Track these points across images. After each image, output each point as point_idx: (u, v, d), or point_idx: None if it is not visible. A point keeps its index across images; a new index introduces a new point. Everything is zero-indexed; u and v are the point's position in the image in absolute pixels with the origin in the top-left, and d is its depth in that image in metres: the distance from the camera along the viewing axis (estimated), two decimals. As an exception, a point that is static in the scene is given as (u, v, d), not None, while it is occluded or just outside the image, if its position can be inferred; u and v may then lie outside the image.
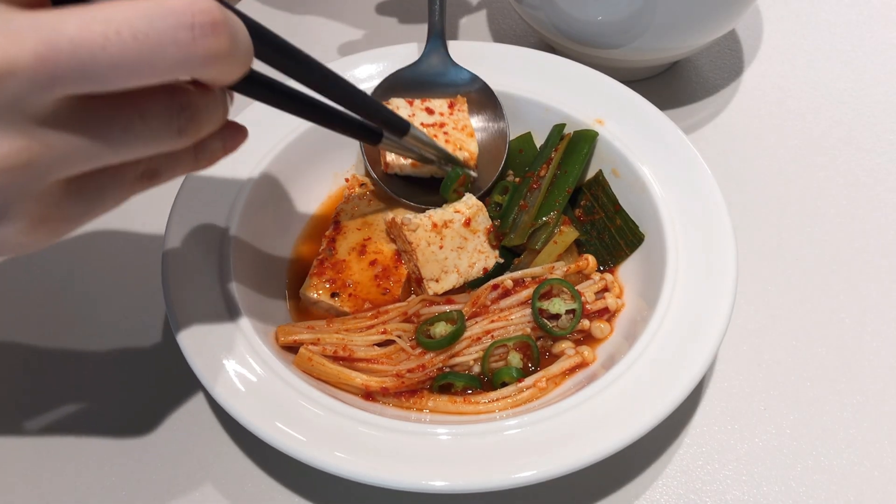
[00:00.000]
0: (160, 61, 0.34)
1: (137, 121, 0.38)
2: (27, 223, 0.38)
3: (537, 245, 0.70)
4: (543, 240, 0.70)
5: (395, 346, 0.65)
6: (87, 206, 0.41)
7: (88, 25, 0.33)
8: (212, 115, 0.42)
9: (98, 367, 0.69)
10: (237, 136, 0.48)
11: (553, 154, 0.74)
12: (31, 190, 0.37)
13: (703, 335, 0.59)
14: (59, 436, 0.65)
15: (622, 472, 0.63)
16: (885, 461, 0.63)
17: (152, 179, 0.44)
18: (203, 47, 0.35)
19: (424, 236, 0.69)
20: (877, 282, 0.75)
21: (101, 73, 0.34)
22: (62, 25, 0.33)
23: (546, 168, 0.73)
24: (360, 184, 0.77)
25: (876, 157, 0.86)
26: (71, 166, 0.37)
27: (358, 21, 1.03)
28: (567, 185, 0.72)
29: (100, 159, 0.38)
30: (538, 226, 0.70)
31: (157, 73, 0.35)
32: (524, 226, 0.70)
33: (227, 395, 0.56)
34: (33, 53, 0.32)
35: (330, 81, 0.52)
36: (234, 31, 0.37)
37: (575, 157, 0.73)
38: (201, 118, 0.41)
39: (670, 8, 0.77)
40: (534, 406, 0.61)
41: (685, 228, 0.66)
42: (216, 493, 0.62)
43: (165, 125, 0.39)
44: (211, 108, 0.42)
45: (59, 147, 0.36)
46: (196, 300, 0.62)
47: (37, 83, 0.33)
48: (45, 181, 0.37)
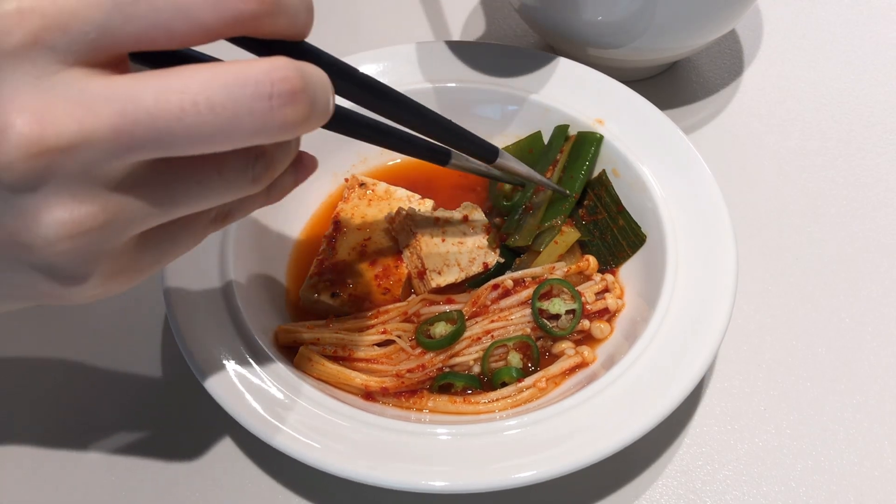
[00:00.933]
0: (237, 132, 0.34)
1: (214, 176, 0.37)
2: (101, 279, 0.38)
3: (541, 247, 0.70)
4: (547, 241, 0.70)
5: (395, 346, 0.65)
6: (160, 255, 0.42)
7: (166, 96, 0.32)
8: (285, 158, 0.41)
9: (97, 367, 0.69)
10: (308, 167, 0.47)
11: (558, 156, 0.74)
12: (106, 250, 0.37)
13: (703, 335, 0.59)
14: (58, 436, 0.65)
15: (622, 472, 0.63)
16: (885, 461, 0.63)
17: (224, 220, 0.45)
18: (281, 118, 0.34)
19: (428, 229, 0.70)
20: (877, 282, 0.75)
21: (177, 142, 0.33)
22: (139, 95, 0.32)
23: (551, 171, 0.73)
24: (359, 184, 0.77)
25: (876, 157, 0.86)
26: (145, 224, 0.37)
27: (358, 21, 1.03)
28: (574, 190, 0.72)
29: (175, 214, 0.38)
30: (543, 229, 0.70)
31: (233, 142, 0.34)
32: (529, 228, 0.70)
33: (227, 395, 0.56)
34: (110, 126, 0.32)
35: (413, 113, 0.52)
36: (314, 95, 0.35)
37: (580, 162, 0.73)
38: (276, 164, 0.40)
39: (670, 8, 0.77)
40: (534, 406, 0.61)
41: (685, 228, 0.66)
42: (216, 493, 0.62)
43: (241, 176, 0.38)
44: (285, 152, 0.41)
45: (134, 208, 0.36)
46: (196, 300, 0.62)
47: (113, 153, 0.33)
48: (120, 240, 0.37)
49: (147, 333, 0.71)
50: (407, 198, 0.76)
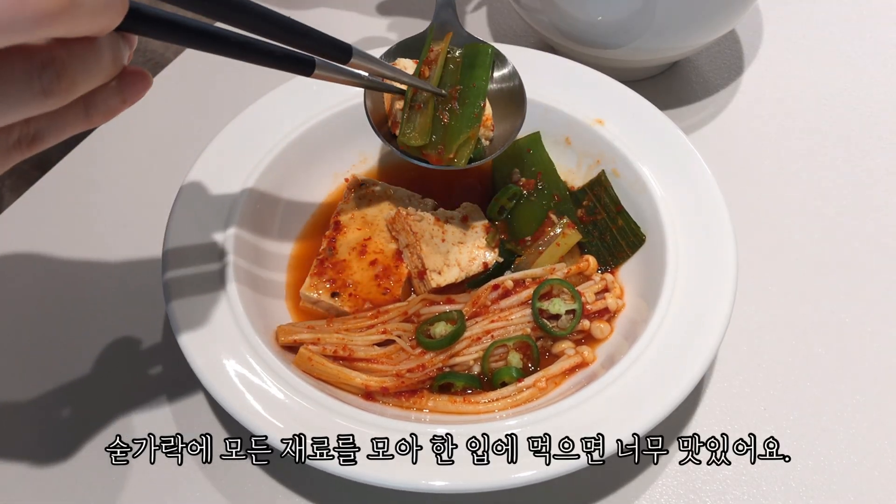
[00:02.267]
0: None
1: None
2: None
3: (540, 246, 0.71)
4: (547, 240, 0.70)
5: (395, 345, 0.65)
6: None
7: None
8: (90, 68, 0.37)
9: (98, 366, 0.69)
10: (137, 85, 0.43)
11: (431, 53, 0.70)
12: None
13: (703, 335, 0.59)
14: (58, 436, 0.65)
15: (622, 472, 0.63)
16: (885, 461, 0.63)
17: (34, 144, 0.40)
18: (32, 6, 0.31)
19: (428, 228, 0.70)
20: (877, 282, 0.75)
21: None
22: None
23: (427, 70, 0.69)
24: (359, 184, 0.77)
25: (876, 157, 0.86)
26: None
27: (358, 21, 1.03)
28: (480, 98, 0.68)
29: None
30: (461, 141, 0.66)
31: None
32: (422, 126, 0.66)
33: (228, 395, 0.56)
34: None
35: (249, 13, 0.47)
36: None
37: (479, 72, 0.69)
38: (73, 74, 0.36)
39: (670, 8, 0.77)
40: (534, 406, 0.61)
41: (685, 228, 0.66)
42: (216, 493, 0.62)
43: (26, 87, 0.35)
44: (89, 61, 0.37)
45: None
46: (196, 300, 0.62)
47: None
48: None
49: (147, 333, 0.71)
50: (407, 198, 0.76)
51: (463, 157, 0.66)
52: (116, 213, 0.82)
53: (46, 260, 0.78)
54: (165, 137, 0.89)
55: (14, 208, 0.82)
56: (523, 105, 0.70)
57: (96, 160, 0.87)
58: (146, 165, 0.86)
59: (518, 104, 0.70)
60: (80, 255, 0.78)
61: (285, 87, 0.77)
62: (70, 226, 0.80)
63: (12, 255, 0.78)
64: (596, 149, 0.75)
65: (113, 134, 0.90)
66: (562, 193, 0.76)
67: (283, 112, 0.75)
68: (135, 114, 0.92)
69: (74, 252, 0.78)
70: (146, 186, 0.84)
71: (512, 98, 0.71)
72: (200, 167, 0.70)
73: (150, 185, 0.83)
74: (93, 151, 0.88)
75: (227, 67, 1.00)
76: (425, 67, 0.69)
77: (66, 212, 0.82)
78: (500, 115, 0.70)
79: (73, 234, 0.80)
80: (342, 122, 0.77)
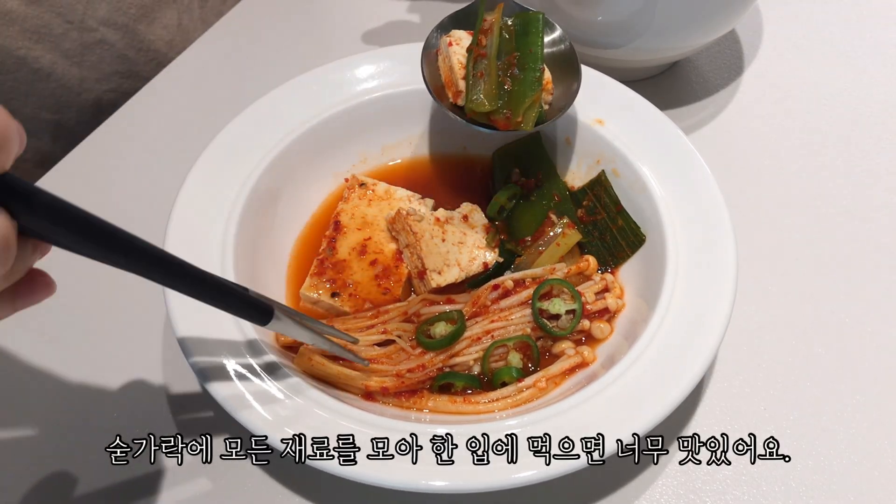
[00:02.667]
0: None
1: None
2: None
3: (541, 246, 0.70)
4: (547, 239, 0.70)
5: (395, 345, 0.65)
6: None
7: None
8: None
9: (98, 366, 0.69)
10: (35, 295, 0.42)
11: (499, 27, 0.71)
12: None
13: (703, 335, 0.59)
14: (58, 436, 0.65)
15: (622, 472, 0.63)
16: (885, 461, 0.63)
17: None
18: None
19: (428, 228, 0.70)
20: (877, 282, 0.75)
21: None
22: None
23: (487, 39, 0.70)
24: (359, 184, 0.77)
25: (876, 157, 0.86)
26: None
27: (358, 22, 1.03)
28: (538, 62, 0.69)
29: None
30: (527, 105, 0.68)
31: None
32: (487, 91, 0.68)
33: (227, 395, 0.56)
34: None
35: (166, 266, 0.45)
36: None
37: (534, 38, 0.70)
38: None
39: (670, 8, 0.77)
40: (534, 406, 0.61)
41: (685, 228, 0.66)
42: (217, 493, 0.62)
43: None
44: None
45: None
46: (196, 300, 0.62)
47: None
48: None
49: (147, 333, 0.71)
50: (407, 198, 0.76)
51: (530, 121, 0.68)
52: (116, 212, 0.81)
53: (46, 259, 0.78)
54: (166, 137, 0.89)
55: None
56: (577, 67, 0.72)
57: (96, 159, 0.87)
58: (146, 165, 0.86)
59: (572, 66, 0.72)
60: (80, 256, 0.78)
61: (285, 87, 0.77)
62: (70, 226, 0.80)
63: (12, 255, 0.78)
64: (596, 149, 0.75)
65: (113, 133, 0.90)
66: (562, 193, 0.76)
67: (283, 112, 0.75)
68: (135, 114, 0.93)
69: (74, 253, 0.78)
70: (146, 186, 0.84)
71: (565, 60, 0.73)
72: (200, 167, 0.70)
73: (150, 184, 0.83)
74: (93, 151, 0.88)
75: (227, 67, 1.01)
76: (482, 36, 0.70)
77: (66, 212, 0.82)
78: (555, 78, 0.72)
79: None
80: (342, 122, 0.77)
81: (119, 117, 0.91)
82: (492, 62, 0.69)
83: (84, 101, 0.96)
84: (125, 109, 0.92)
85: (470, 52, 0.69)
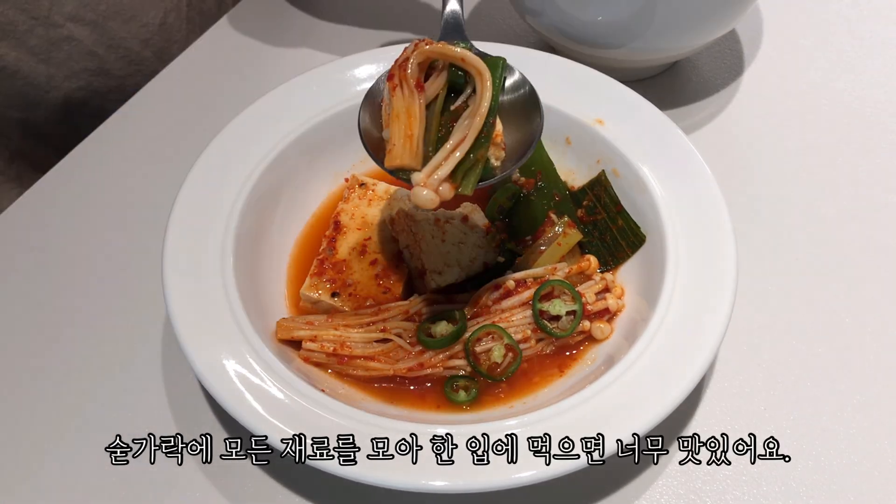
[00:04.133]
0: None
1: None
2: None
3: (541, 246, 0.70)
4: (548, 239, 0.70)
5: (394, 343, 0.65)
6: None
7: None
8: None
9: (98, 367, 0.69)
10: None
11: None
12: None
13: (703, 335, 0.59)
14: (59, 436, 0.65)
15: (622, 472, 0.63)
16: (885, 461, 0.63)
17: None
18: None
19: (429, 229, 0.70)
20: (877, 282, 0.75)
21: None
22: None
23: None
24: (359, 184, 0.77)
25: (876, 157, 0.86)
26: None
27: (358, 22, 1.03)
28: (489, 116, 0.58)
29: None
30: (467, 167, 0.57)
31: None
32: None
33: (227, 395, 0.56)
34: None
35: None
36: None
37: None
38: None
39: (670, 8, 0.77)
40: (534, 406, 0.61)
41: (685, 228, 0.66)
42: (217, 493, 0.62)
43: None
44: None
45: None
46: (196, 300, 0.62)
47: None
48: None
49: (147, 333, 0.71)
50: (407, 198, 0.76)
51: (469, 185, 0.58)
52: (116, 212, 0.82)
53: (46, 260, 0.78)
54: (166, 137, 0.89)
55: (14, 208, 0.82)
56: (537, 114, 0.62)
57: (97, 160, 0.87)
58: (146, 165, 0.86)
59: (531, 114, 0.63)
60: (80, 255, 0.78)
61: (285, 87, 0.77)
62: (70, 226, 0.80)
63: (12, 255, 0.78)
64: (596, 149, 0.75)
65: (113, 133, 0.90)
66: (562, 193, 0.76)
67: (283, 112, 0.75)
68: (135, 113, 0.92)
69: (74, 252, 0.78)
70: (146, 186, 0.84)
71: (526, 104, 0.63)
72: (201, 167, 0.70)
73: (150, 184, 0.83)
74: (93, 151, 0.88)
75: (227, 67, 1.01)
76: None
77: (65, 212, 0.82)
78: (514, 124, 0.63)
79: (72, 234, 0.80)
80: (342, 122, 0.77)
81: (118, 118, 0.91)
82: (432, 110, 0.59)
83: (53, 99, 0.93)
84: (125, 109, 0.92)
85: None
